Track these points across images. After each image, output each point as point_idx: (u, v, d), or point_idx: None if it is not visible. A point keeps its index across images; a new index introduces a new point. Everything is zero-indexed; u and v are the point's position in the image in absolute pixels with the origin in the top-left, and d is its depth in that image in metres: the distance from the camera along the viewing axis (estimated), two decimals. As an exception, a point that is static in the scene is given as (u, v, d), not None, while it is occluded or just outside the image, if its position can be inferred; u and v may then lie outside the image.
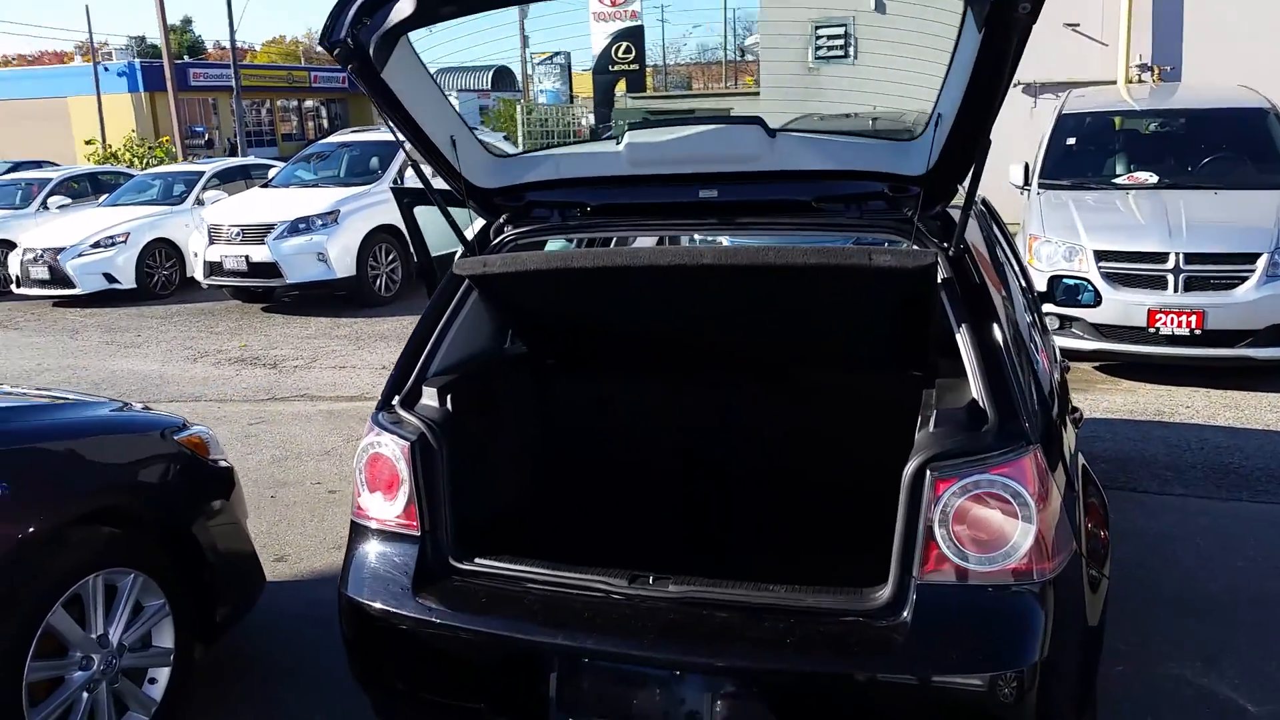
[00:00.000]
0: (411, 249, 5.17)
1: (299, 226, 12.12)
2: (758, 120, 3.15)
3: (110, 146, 34.18)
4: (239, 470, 4.48)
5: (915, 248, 3.01)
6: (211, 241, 12.45)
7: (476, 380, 3.41)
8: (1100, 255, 7.72)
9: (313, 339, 11.24)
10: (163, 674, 3.73)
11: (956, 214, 3.07)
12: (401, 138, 3.20)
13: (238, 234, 12.18)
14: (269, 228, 12.15)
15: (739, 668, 2.66)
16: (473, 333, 3.52)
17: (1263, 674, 3.94)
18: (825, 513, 3.62)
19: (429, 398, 3.20)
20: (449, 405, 3.18)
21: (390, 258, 12.82)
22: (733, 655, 2.65)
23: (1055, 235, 7.97)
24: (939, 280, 2.92)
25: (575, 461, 3.92)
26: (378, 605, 2.99)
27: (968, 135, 2.77)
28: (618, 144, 3.28)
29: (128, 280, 13.90)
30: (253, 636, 4.52)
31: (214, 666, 4.23)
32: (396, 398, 3.25)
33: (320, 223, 12.12)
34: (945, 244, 3.04)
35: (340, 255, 12.15)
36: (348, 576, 3.12)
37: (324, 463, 7.08)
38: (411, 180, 12.65)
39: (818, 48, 15.04)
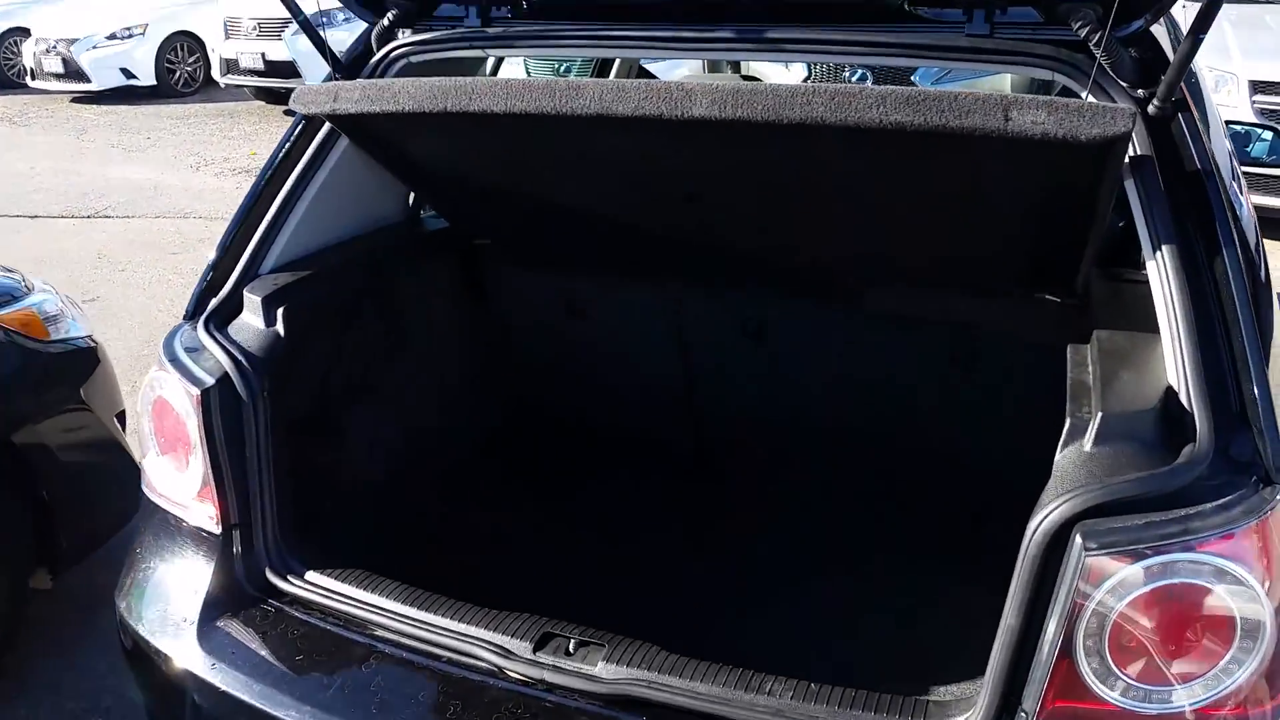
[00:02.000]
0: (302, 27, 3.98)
1: (320, 21, 10.67)
2: None
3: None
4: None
5: (1091, 99, 1.64)
6: (228, 36, 11.09)
7: (344, 280, 2.19)
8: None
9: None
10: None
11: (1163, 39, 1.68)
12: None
13: (254, 28, 10.80)
14: (287, 21, 10.74)
15: None
16: (351, 199, 2.27)
17: None
18: (881, 518, 2.40)
19: (251, 311, 2.00)
20: (280, 326, 1.98)
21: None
22: None
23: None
24: (1128, 160, 1.59)
25: (509, 412, 2.71)
26: (154, 641, 1.89)
27: None
28: None
29: (146, 76, 12.63)
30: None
31: (67, 596, 3.26)
32: (214, 301, 2.06)
33: (344, 17, 10.65)
34: (1145, 92, 1.67)
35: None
36: (125, 576, 2.03)
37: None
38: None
39: None
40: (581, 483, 2.78)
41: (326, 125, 2.15)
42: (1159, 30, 1.79)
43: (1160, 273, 1.56)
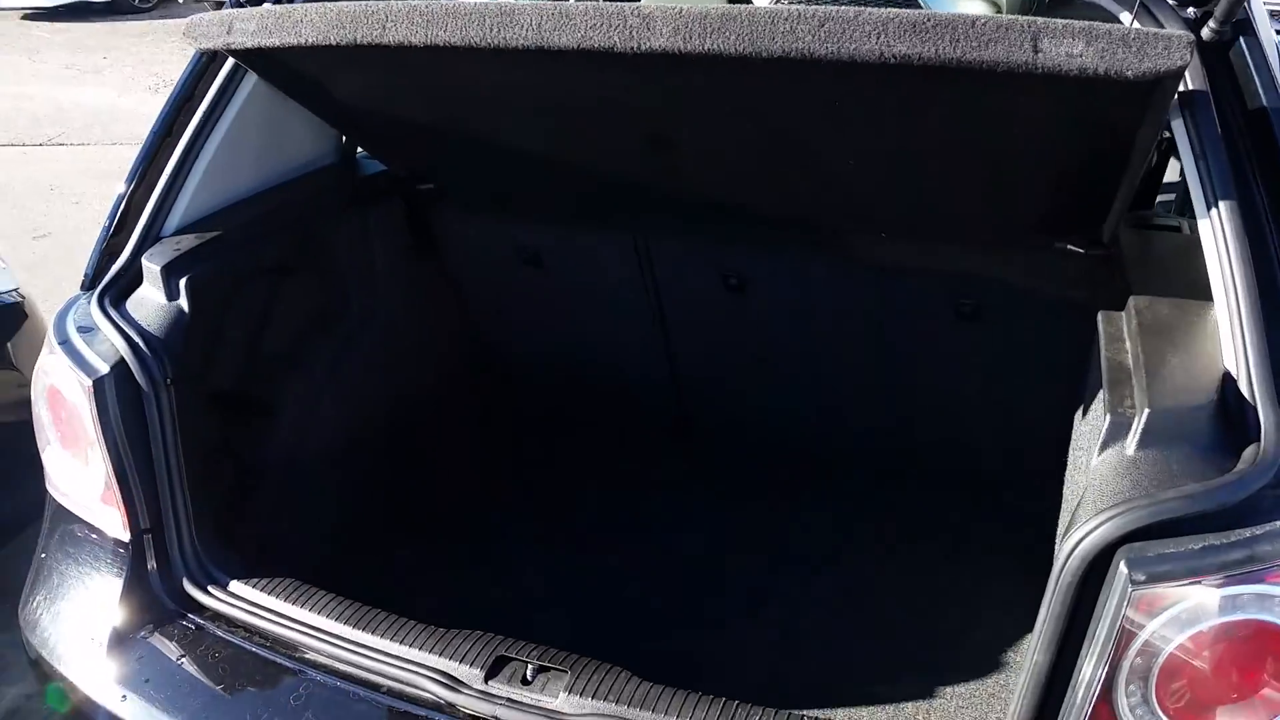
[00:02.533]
0: None
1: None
2: None
3: None
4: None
5: (1136, 25, 1.35)
6: None
7: (264, 237, 1.91)
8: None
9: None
10: None
11: None
12: None
13: None
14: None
15: None
16: (270, 142, 1.98)
17: None
18: (886, 503, 2.18)
19: (150, 283, 1.73)
20: (184, 300, 1.71)
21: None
22: None
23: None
24: (1179, 95, 1.31)
25: (463, 378, 2.45)
26: (58, 665, 1.66)
27: None
28: None
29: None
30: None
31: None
32: (110, 272, 1.78)
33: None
34: (1198, 11, 1.38)
35: None
36: (28, 589, 1.80)
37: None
38: None
39: None
40: (549, 458, 2.55)
41: (230, 59, 1.85)
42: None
43: (1217, 234, 1.30)
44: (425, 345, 2.36)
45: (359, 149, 2.28)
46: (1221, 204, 1.30)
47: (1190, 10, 1.42)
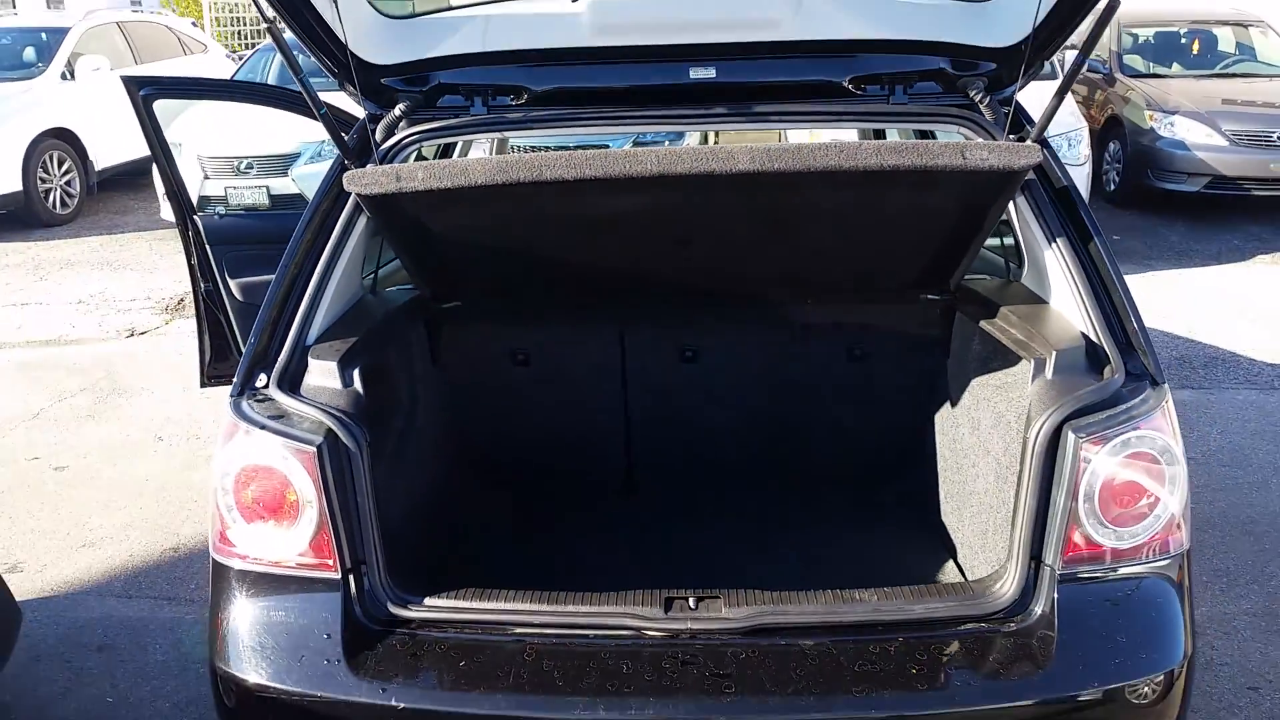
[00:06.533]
0: (156, 163, 3.93)
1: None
2: (778, -31, 2.31)
3: None
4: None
5: (995, 141, 2.32)
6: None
7: (376, 343, 2.42)
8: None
9: (-25, 270, 9.04)
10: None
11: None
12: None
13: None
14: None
15: None
16: (350, 274, 2.50)
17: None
18: (839, 484, 2.97)
19: (323, 374, 2.20)
20: (357, 384, 2.19)
21: (64, 168, 10.59)
22: (853, 704, 1.94)
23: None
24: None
25: (499, 444, 3.00)
26: (289, 688, 2.02)
27: None
28: (575, 1, 2.32)
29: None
30: (6, 690, 3.32)
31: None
32: (265, 376, 2.21)
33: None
34: (1015, 137, 2.39)
35: (1, 165, 9.79)
36: (223, 644, 2.11)
37: (35, 430, 5.60)
38: (87, 74, 10.46)
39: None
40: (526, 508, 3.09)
41: (347, 208, 2.37)
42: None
43: (1058, 258, 2.28)
44: (432, 432, 2.89)
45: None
46: (1059, 240, 2.29)
47: (1010, 136, 2.43)
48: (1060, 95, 2.22)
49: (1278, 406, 5.49)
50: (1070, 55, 9.57)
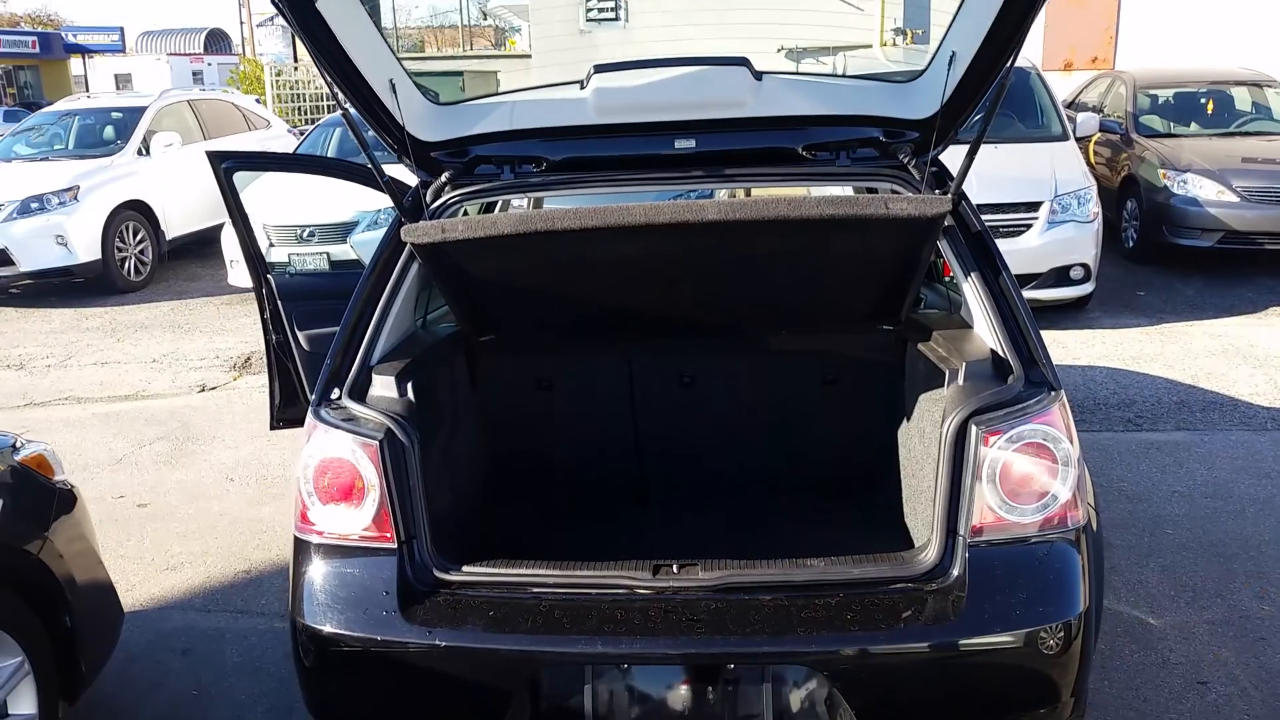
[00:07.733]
0: (235, 230, 4.42)
1: (31, 206, 10.52)
2: (743, 61, 2.90)
3: None
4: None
5: (918, 194, 2.87)
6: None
7: (425, 365, 2.99)
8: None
9: (59, 333, 9.84)
10: (26, 750, 3.04)
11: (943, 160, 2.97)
12: (332, 81, 2.71)
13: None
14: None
15: (806, 654, 2.45)
16: (405, 311, 3.08)
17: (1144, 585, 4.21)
18: (811, 484, 3.47)
19: (383, 387, 2.77)
20: (410, 394, 2.75)
21: (139, 237, 11.38)
22: (795, 641, 2.44)
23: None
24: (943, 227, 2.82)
25: (526, 455, 3.55)
26: (356, 634, 2.55)
27: (985, 72, 2.65)
28: (582, 88, 2.93)
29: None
30: (108, 683, 3.85)
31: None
32: (338, 389, 2.79)
33: (58, 200, 10.58)
34: (940, 191, 2.93)
35: (82, 237, 10.62)
36: (302, 604, 2.65)
37: (120, 473, 6.20)
38: (160, 149, 11.33)
39: (588, 10, 14.86)
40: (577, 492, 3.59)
41: (403, 257, 2.97)
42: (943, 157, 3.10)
43: (974, 290, 2.80)
44: (481, 448, 3.45)
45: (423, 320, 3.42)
46: (974, 275, 2.81)
47: (937, 190, 2.96)
48: (970, 156, 2.74)
49: (1266, 445, 5.80)
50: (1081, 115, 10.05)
